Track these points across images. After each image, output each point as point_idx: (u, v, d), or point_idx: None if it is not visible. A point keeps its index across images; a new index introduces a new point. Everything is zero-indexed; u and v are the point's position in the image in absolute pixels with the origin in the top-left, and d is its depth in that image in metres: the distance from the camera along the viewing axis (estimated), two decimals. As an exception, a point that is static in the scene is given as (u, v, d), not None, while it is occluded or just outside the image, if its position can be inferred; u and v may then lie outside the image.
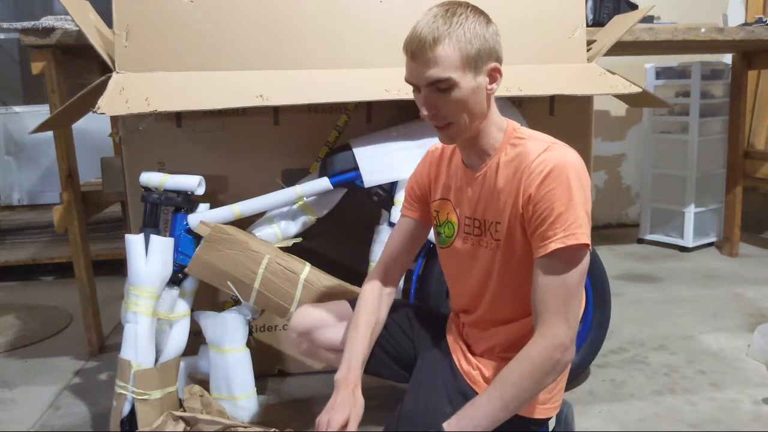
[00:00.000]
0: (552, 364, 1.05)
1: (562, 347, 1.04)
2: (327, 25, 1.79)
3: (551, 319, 1.05)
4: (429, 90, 1.09)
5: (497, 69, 1.12)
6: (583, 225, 1.05)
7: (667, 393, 1.85)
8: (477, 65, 1.08)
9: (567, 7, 1.92)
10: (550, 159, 1.08)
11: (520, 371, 1.06)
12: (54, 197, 3.21)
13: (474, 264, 1.23)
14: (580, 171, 1.08)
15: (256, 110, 1.82)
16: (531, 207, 1.08)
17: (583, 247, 1.05)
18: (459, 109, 1.10)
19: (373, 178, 1.73)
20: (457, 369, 1.29)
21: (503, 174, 1.14)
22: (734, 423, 1.67)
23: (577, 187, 1.06)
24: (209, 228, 1.62)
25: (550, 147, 1.10)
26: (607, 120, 3.92)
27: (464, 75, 1.08)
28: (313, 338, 1.39)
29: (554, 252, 1.05)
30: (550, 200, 1.06)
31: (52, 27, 1.93)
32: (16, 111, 3.24)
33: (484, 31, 1.09)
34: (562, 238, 1.04)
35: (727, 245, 3.30)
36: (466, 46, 1.06)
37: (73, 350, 2.25)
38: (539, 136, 1.16)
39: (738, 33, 2.54)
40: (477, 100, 1.11)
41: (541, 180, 1.07)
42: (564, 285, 1.05)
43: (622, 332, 2.30)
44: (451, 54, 1.06)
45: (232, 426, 1.54)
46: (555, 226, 1.05)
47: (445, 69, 1.06)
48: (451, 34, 1.06)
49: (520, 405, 1.07)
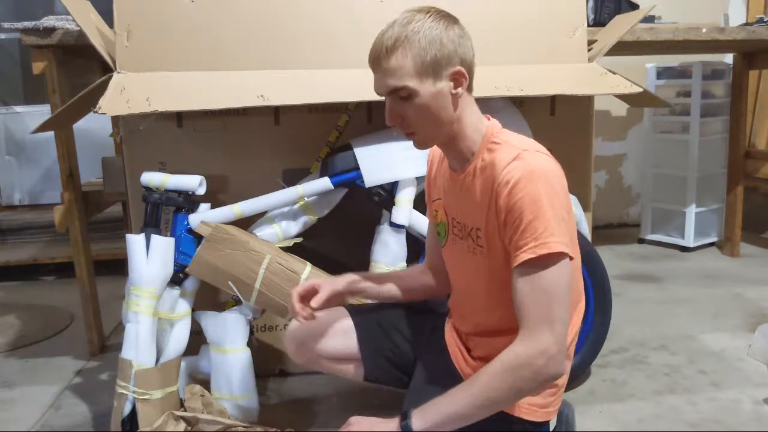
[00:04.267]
0: (532, 372, 1.01)
1: (544, 354, 1.00)
2: (328, 25, 1.79)
3: (532, 327, 1.02)
4: (392, 99, 1.10)
5: (460, 72, 1.09)
6: (555, 233, 1.01)
7: (667, 393, 1.85)
8: (435, 71, 1.07)
9: (568, 7, 1.92)
10: (517, 168, 1.05)
11: (494, 372, 1.03)
12: (55, 197, 3.21)
13: (465, 267, 1.23)
14: (550, 177, 1.05)
15: (257, 110, 1.82)
16: (503, 217, 1.07)
17: (556, 255, 1.02)
18: (422, 115, 1.10)
19: (373, 178, 1.73)
20: (456, 372, 1.29)
21: (479, 181, 1.13)
22: (735, 423, 1.67)
23: (545, 194, 1.03)
24: (210, 228, 1.62)
25: (519, 155, 1.07)
26: (608, 120, 3.92)
27: (422, 82, 1.07)
28: (312, 348, 1.38)
29: (527, 262, 1.03)
30: (519, 210, 1.04)
31: (53, 27, 1.93)
32: (17, 111, 3.25)
33: (442, 35, 1.07)
34: (533, 248, 1.02)
35: (728, 245, 3.29)
36: (420, 53, 1.06)
37: (73, 350, 2.25)
38: (513, 142, 1.12)
39: (739, 33, 2.54)
40: (441, 105, 1.10)
41: (508, 190, 1.05)
42: (544, 293, 1.02)
43: (623, 332, 2.30)
44: (406, 62, 1.06)
45: (233, 426, 1.54)
46: (525, 236, 1.03)
47: (401, 78, 1.07)
48: (405, 43, 1.06)
49: (492, 405, 1.04)
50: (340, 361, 1.40)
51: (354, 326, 1.39)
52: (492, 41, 1.85)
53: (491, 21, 1.86)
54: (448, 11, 1.13)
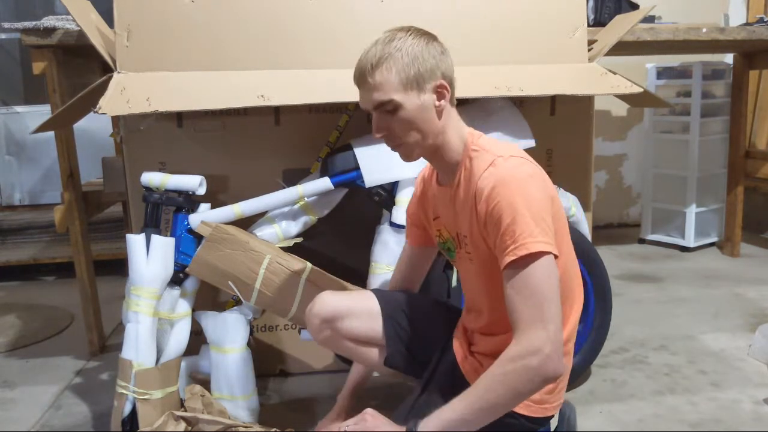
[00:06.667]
0: (528, 372, 1.02)
1: (539, 354, 1.01)
2: (328, 25, 1.79)
3: (525, 328, 1.03)
4: (378, 113, 1.15)
5: (443, 86, 1.15)
6: (533, 233, 1.04)
7: (667, 393, 1.85)
8: (419, 84, 1.13)
9: (568, 7, 1.92)
10: (492, 175, 1.10)
11: (492, 377, 1.04)
12: (55, 197, 3.21)
13: (466, 274, 1.28)
14: (523, 180, 1.08)
15: (257, 110, 1.82)
16: (484, 223, 1.11)
17: (537, 254, 1.04)
18: (407, 128, 1.15)
19: (374, 178, 1.73)
20: (458, 368, 1.30)
21: (463, 190, 1.18)
22: (735, 423, 1.67)
23: (520, 196, 1.06)
24: (210, 228, 1.62)
25: (494, 162, 1.11)
26: (608, 120, 3.92)
27: (407, 95, 1.12)
28: (337, 327, 1.37)
29: (510, 264, 1.05)
30: (497, 215, 1.07)
31: (54, 27, 1.93)
32: (17, 111, 3.25)
33: (423, 51, 1.13)
34: (513, 250, 1.04)
35: (728, 245, 3.29)
36: (404, 68, 1.11)
37: (74, 350, 2.25)
38: (490, 148, 1.16)
39: (739, 33, 2.54)
40: (425, 117, 1.15)
41: (485, 198, 1.09)
42: (531, 294, 1.03)
43: (623, 332, 2.30)
44: (390, 77, 1.12)
45: (233, 426, 1.54)
46: (505, 239, 1.06)
47: (386, 92, 1.12)
48: (389, 58, 1.11)
49: (494, 409, 1.05)
50: (362, 343, 1.41)
51: (381, 311, 1.41)
52: (492, 41, 1.85)
53: (491, 21, 1.86)
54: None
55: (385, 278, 1.76)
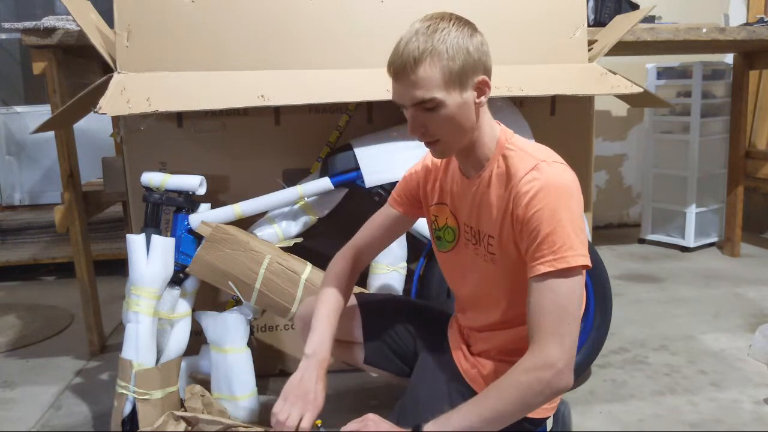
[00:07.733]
0: (540, 384, 1.01)
1: (553, 368, 1.01)
2: (328, 25, 1.79)
3: (543, 340, 1.02)
4: (415, 109, 1.08)
5: (485, 82, 1.10)
6: (574, 246, 1.02)
7: (667, 393, 1.85)
8: (462, 81, 1.07)
9: (568, 7, 1.92)
10: (536, 180, 1.06)
11: (504, 386, 1.04)
12: (55, 197, 3.22)
13: (471, 270, 1.23)
14: (569, 189, 1.06)
15: (257, 110, 1.82)
16: (520, 227, 1.08)
17: (575, 269, 1.02)
18: (447, 126, 1.09)
19: (374, 178, 1.73)
20: (456, 367, 1.30)
21: (495, 188, 1.14)
22: (735, 423, 1.67)
23: (564, 207, 1.03)
24: (210, 228, 1.62)
25: (537, 166, 1.08)
26: (608, 120, 3.92)
27: (449, 93, 1.06)
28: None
29: (544, 274, 1.03)
30: (536, 221, 1.04)
31: (54, 27, 1.93)
32: (17, 111, 3.25)
33: (468, 44, 1.06)
34: (552, 261, 1.02)
35: (729, 245, 3.29)
36: (448, 64, 1.04)
37: (74, 350, 2.26)
38: (529, 149, 1.13)
39: (739, 33, 2.54)
40: (465, 115, 1.09)
41: (527, 201, 1.05)
42: (557, 306, 1.02)
43: (623, 332, 2.30)
44: (434, 74, 1.04)
45: (233, 426, 1.54)
46: (543, 248, 1.03)
47: (429, 90, 1.05)
48: (433, 53, 1.04)
49: (502, 418, 1.04)
50: (342, 342, 1.42)
51: (359, 311, 1.42)
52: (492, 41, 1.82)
53: (491, 21, 1.86)
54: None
55: (385, 278, 1.76)
